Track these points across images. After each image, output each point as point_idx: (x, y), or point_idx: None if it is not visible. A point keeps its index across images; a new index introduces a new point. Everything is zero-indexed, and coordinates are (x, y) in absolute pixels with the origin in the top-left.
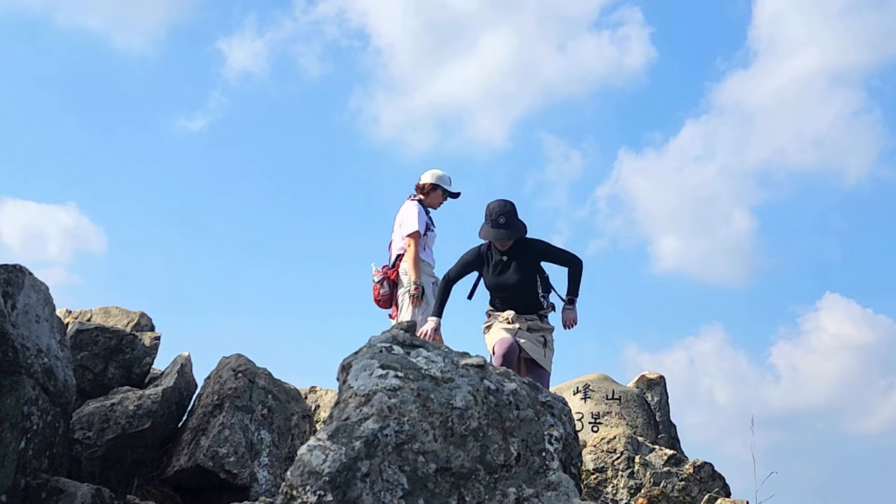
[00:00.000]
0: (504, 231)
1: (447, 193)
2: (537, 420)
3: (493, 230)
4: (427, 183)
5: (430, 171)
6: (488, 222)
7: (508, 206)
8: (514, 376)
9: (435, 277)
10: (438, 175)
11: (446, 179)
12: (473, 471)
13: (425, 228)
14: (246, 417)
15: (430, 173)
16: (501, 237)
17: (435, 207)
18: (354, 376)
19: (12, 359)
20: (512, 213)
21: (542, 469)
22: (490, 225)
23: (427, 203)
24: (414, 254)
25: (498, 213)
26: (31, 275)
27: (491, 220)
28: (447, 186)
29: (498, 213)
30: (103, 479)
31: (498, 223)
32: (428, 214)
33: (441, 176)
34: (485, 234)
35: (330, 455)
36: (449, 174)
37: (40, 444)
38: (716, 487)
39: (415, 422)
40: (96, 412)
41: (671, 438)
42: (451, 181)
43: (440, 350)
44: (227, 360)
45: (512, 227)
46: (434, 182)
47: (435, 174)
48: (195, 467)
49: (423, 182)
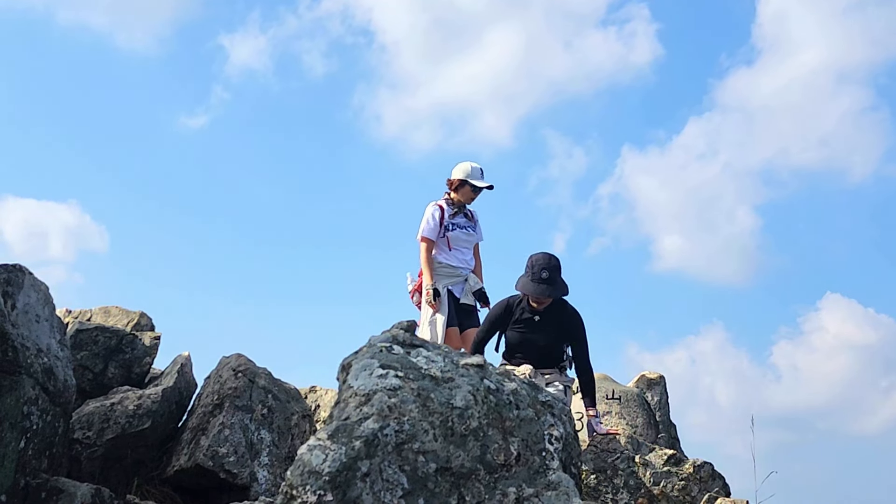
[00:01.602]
0: (546, 287)
1: (476, 188)
2: (537, 420)
3: (534, 284)
4: (454, 179)
5: (459, 164)
6: (529, 275)
7: (554, 260)
8: (515, 376)
9: (460, 278)
10: (465, 169)
11: (475, 172)
12: (473, 470)
13: (444, 229)
14: (246, 417)
15: (457, 167)
16: (542, 294)
17: (467, 203)
18: (354, 376)
19: (12, 358)
20: (557, 269)
21: (542, 469)
22: (530, 278)
23: (457, 199)
24: (423, 258)
25: (541, 267)
26: (31, 274)
27: (532, 272)
28: (475, 181)
29: (541, 267)
30: (103, 478)
31: (540, 277)
32: (461, 211)
33: (468, 170)
34: (523, 286)
35: (330, 455)
36: (480, 166)
37: (40, 443)
38: (716, 487)
39: (415, 421)
40: (96, 412)
41: (671, 438)
42: (483, 172)
43: (440, 350)
44: (227, 359)
45: (555, 284)
46: (461, 178)
47: (462, 168)
48: (195, 467)
49: (451, 177)
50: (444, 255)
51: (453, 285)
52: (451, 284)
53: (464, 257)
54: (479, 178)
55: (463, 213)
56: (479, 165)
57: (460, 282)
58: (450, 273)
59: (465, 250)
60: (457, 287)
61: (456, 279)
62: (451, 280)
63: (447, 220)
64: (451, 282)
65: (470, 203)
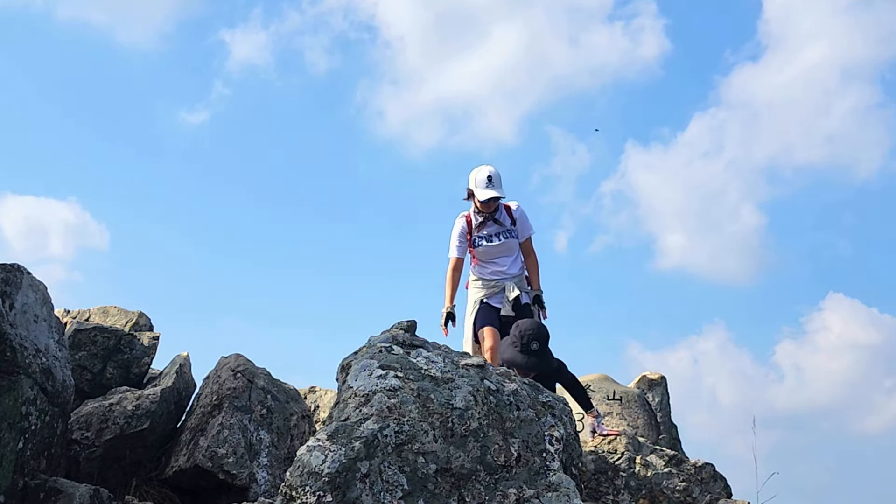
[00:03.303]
0: (537, 362)
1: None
2: (538, 420)
3: (523, 357)
4: (468, 188)
5: (473, 170)
6: (517, 345)
7: (543, 329)
8: (515, 377)
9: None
10: (473, 177)
11: (481, 180)
12: (474, 471)
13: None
14: (245, 418)
15: (470, 174)
16: (532, 368)
17: (486, 211)
18: (354, 376)
19: (10, 359)
20: (546, 339)
21: (543, 470)
22: (519, 349)
23: (477, 209)
24: (447, 277)
25: (531, 338)
26: (30, 274)
27: (521, 343)
28: (480, 191)
29: (531, 338)
30: (101, 479)
31: (530, 349)
32: (490, 217)
33: (475, 178)
34: (511, 358)
35: (329, 455)
36: (493, 169)
37: (38, 444)
38: (717, 488)
39: (415, 422)
40: (94, 412)
41: (672, 439)
42: (494, 178)
43: (440, 350)
44: (225, 359)
45: (544, 356)
46: (469, 188)
47: (471, 176)
48: (194, 468)
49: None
50: (476, 268)
51: (489, 297)
52: (488, 297)
53: (498, 268)
54: (484, 187)
55: (493, 220)
56: (492, 170)
57: (497, 293)
58: (485, 286)
59: (501, 259)
60: (494, 299)
61: (491, 290)
62: (488, 292)
63: (474, 233)
64: (487, 293)
65: (489, 211)
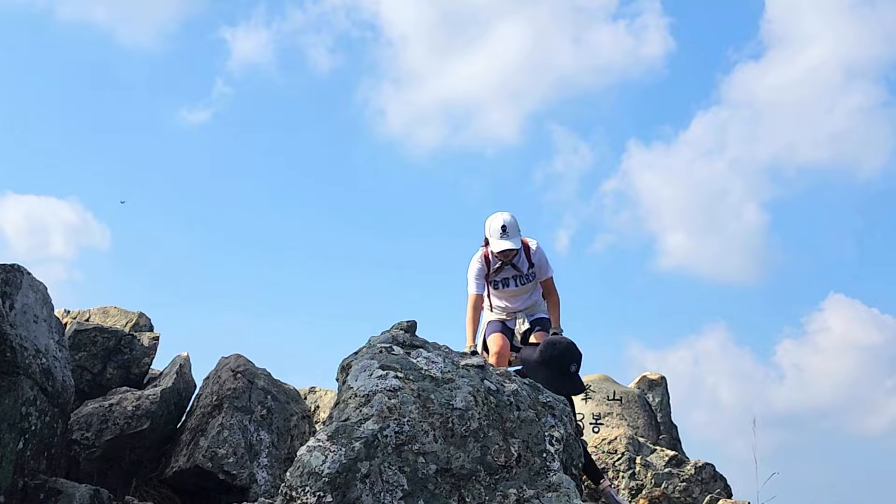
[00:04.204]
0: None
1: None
2: (538, 421)
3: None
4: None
5: (490, 217)
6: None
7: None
8: (515, 377)
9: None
10: (488, 225)
11: (495, 229)
12: (474, 472)
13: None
14: (245, 418)
15: (487, 220)
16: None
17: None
18: (354, 377)
19: (10, 359)
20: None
21: (543, 470)
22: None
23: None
24: (467, 315)
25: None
26: (30, 275)
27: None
28: (494, 241)
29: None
30: (101, 479)
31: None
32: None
33: (490, 226)
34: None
35: (329, 456)
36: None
37: (38, 444)
38: (717, 488)
39: (415, 422)
40: (95, 413)
41: (672, 439)
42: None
43: (440, 350)
44: (226, 360)
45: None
46: (486, 235)
47: (487, 223)
48: (194, 468)
49: None
50: (492, 300)
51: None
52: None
53: (512, 305)
54: (499, 238)
55: (510, 264)
56: (507, 218)
57: (511, 319)
58: (499, 313)
59: (516, 298)
60: (509, 322)
61: (506, 318)
62: (503, 317)
63: (490, 275)
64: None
65: (506, 259)
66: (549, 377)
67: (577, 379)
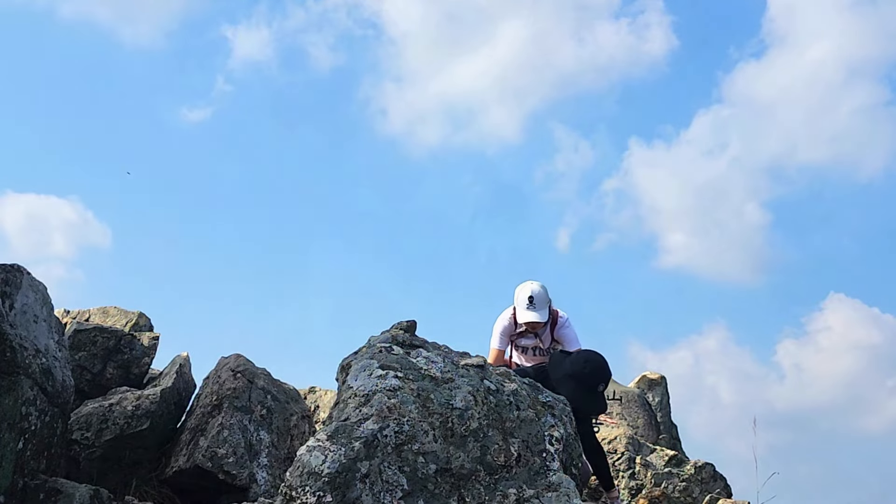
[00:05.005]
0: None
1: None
2: (538, 420)
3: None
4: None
5: (520, 285)
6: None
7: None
8: (515, 376)
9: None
10: (517, 295)
11: (521, 300)
12: (473, 471)
13: (509, 342)
14: (245, 418)
15: (517, 289)
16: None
17: (530, 330)
18: (354, 376)
19: (10, 359)
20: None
21: (543, 470)
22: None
23: None
24: None
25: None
26: (30, 274)
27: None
28: (521, 308)
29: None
30: (101, 479)
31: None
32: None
33: (518, 296)
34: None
35: (329, 456)
36: (539, 288)
37: (38, 444)
38: (717, 488)
39: (414, 422)
40: (94, 413)
41: (672, 439)
42: (537, 299)
43: (440, 350)
44: (225, 360)
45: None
46: (514, 305)
47: (517, 292)
48: (194, 468)
49: None
50: (512, 357)
51: None
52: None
53: (531, 366)
54: (525, 308)
55: (534, 334)
56: (535, 289)
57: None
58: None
59: (534, 361)
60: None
61: None
62: None
63: (514, 337)
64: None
65: (532, 330)
66: (575, 392)
67: (602, 398)
